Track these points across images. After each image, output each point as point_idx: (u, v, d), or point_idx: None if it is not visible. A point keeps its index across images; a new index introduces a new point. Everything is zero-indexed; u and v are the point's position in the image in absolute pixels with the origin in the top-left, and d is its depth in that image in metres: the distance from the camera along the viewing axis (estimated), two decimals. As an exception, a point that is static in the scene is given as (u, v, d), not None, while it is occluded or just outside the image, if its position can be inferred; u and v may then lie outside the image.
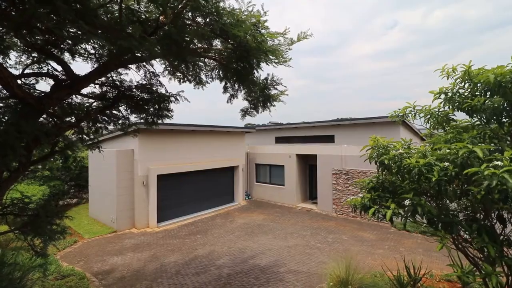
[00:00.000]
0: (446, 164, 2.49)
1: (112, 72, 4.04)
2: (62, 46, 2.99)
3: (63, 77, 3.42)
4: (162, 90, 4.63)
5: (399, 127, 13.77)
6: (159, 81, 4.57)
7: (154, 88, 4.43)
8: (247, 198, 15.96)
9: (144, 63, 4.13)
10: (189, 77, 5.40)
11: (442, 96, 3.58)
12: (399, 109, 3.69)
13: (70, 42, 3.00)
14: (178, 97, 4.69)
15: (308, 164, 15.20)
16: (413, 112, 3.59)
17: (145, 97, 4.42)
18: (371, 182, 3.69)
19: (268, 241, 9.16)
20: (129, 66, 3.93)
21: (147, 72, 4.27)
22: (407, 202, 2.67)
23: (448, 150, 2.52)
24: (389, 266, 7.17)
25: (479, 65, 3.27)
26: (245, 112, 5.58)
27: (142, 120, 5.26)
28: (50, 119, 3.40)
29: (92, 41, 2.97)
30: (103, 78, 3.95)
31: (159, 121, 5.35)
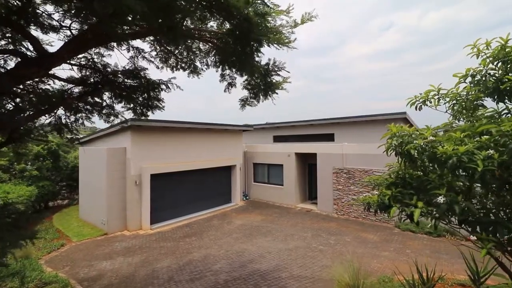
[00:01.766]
0: (490, 151, 2.05)
1: (94, 55, 3.55)
2: (28, 16, 2.50)
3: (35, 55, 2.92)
4: (152, 77, 4.13)
5: (401, 125, 13.38)
6: (147, 62, 4.05)
7: (142, 73, 3.92)
8: (244, 199, 15.47)
9: (130, 43, 3.63)
10: (183, 65, 4.92)
11: (468, 79, 3.16)
12: (420, 94, 3.24)
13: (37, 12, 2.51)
14: (169, 85, 4.20)
15: (307, 164, 14.77)
16: (437, 97, 3.14)
17: (132, 83, 3.92)
18: (390, 177, 3.22)
19: (268, 243, 8.68)
20: (112, 45, 3.43)
21: (134, 52, 3.76)
22: (440, 199, 2.23)
23: (496, 131, 2.08)
24: (396, 270, 6.75)
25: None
26: (244, 102, 5.12)
27: (130, 111, 4.75)
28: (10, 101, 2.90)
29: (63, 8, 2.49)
30: (82, 59, 3.45)
31: (150, 113, 4.84)
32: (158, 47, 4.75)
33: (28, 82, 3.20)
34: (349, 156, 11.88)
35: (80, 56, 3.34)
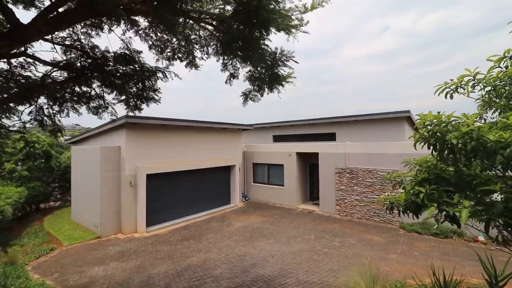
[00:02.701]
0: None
1: (81, 35, 3.12)
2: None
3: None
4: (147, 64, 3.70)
5: (404, 123, 13.12)
6: (142, 41, 3.61)
7: (136, 58, 3.50)
8: (244, 200, 15.04)
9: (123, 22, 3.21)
10: (180, 55, 4.51)
11: (504, 63, 2.80)
12: (452, 80, 2.87)
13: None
14: (166, 73, 3.78)
15: (308, 163, 14.40)
16: (472, 83, 2.77)
17: (125, 71, 3.49)
18: (420, 172, 2.82)
19: (270, 246, 8.28)
20: (102, 25, 3.01)
21: (126, 26, 3.30)
22: (495, 197, 1.86)
23: None
24: (406, 273, 6.40)
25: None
26: (246, 96, 4.72)
27: (122, 103, 4.32)
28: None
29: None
30: (67, 39, 3.02)
31: (144, 105, 4.42)
32: (153, 35, 4.35)
33: (5, 66, 2.78)
34: (352, 155, 11.53)
35: (64, 35, 2.93)
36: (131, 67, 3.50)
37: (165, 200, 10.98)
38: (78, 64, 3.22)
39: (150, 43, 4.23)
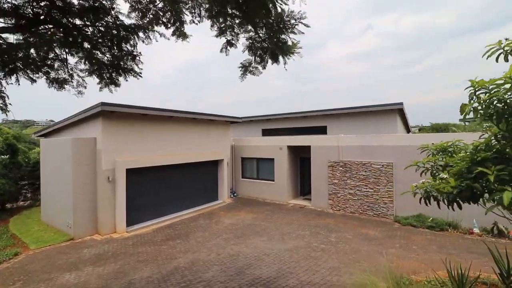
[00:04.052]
0: None
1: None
2: None
3: None
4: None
5: (397, 116, 12.97)
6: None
7: (108, 5, 2.72)
8: (232, 196, 14.37)
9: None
10: (165, 20, 3.75)
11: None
12: (507, 39, 2.37)
13: None
14: (149, 33, 3.03)
15: (299, 157, 13.95)
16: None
17: (96, 28, 2.72)
18: (479, 151, 2.23)
19: (263, 244, 7.70)
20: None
21: None
22: None
23: None
24: (409, 268, 6.04)
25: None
26: (246, 68, 4.05)
27: (94, 76, 3.52)
28: None
29: None
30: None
31: (121, 79, 3.64)
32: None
33: None
34: (346, 148, 11.17)
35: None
36: (103, 22, 2.74)
37: (147, 197, 10.10)
38: (30, 10, 2.41)
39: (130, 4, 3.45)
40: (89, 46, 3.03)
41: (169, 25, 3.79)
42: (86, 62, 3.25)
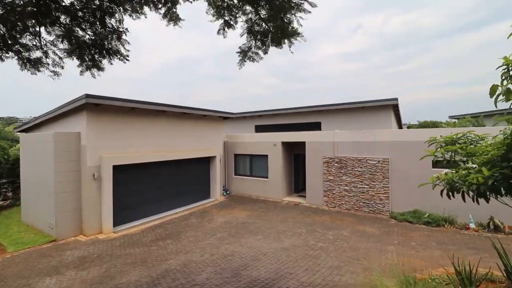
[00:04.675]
0: None
1: None
2: None
3: None
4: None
5: (391, 112, 12.88)
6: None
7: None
8: (225, 193, 13.99)
9: None
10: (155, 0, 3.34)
11: None
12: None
13: None
14: (137, 6, 2.63)
15: (293, 154, 13.70)
16: None
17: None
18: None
19: (259, 242, 7.39)
20: None
21: None
22: None
23: None
24: (410, 266, 5.86)
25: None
26: (244, 54, 3.69)
27: (73, 57, 3.08)
28: None
29: None
30: None
31: (106, 61, 3.22)
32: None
33: None
34: (341, 144, 10.98)
35: None
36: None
37: (136, 195, 9.60)
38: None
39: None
40: (67, 21, 2.61)
41: (160, 6, 3.39)
42: (65, 41, 2.82)
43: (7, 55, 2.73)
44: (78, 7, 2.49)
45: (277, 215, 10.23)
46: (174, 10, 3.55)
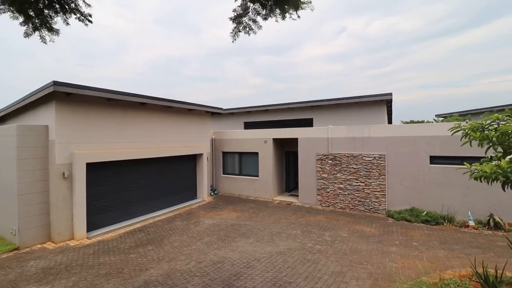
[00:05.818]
0: None
1: None
2: None
3: None
4: None
5: (384, 108, 12.56)
6: None
7: None
8: (212, 193, 13.21)
9: None
10: None
11: None
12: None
13: None
14: None
15: (285, 151, 13.13)
16: None
17: None
18: None
19: (251, 247, 6.72)
20: None
21: None
22: None
23: None
24: (416, 269, 5.33)
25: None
26: (239, 20, 3.01)
27: (14, 11, 2.28)
28: None
29: None
30: None
31: (59, 19, 2.45)
32: None
33: None
34: (336, 140, 10.50)
35: None
36: None
37: (113, 196, 8.66)
38: None
39: None
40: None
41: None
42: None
43: None
44: None
45: (269, 215, 9.60)
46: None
